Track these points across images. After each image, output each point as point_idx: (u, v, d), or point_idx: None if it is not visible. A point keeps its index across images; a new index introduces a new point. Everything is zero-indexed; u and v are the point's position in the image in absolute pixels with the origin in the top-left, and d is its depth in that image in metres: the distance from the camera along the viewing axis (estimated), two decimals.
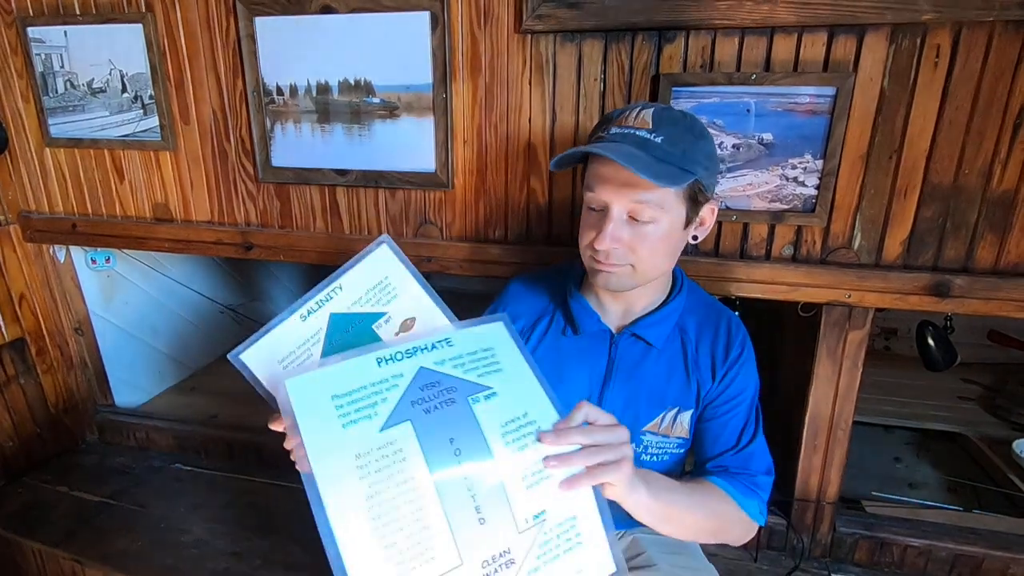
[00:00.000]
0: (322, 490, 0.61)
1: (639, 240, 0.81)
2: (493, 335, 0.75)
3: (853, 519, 1.34)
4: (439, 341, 0.72)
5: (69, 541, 1.44)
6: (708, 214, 0.87)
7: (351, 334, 0.78)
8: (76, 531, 1.47)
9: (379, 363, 0.68)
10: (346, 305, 0.79)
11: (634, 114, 0.81)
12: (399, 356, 0.69)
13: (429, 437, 0.64)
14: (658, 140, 0.78)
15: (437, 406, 0.66)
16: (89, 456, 1.80)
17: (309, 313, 0.78)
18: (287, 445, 0.70)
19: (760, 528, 1.15)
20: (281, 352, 0.74)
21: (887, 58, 1.03)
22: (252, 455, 1.72)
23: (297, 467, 0.68)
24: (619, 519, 1.00)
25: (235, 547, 1.41)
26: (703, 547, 1.11)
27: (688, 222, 0.84)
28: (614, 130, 0.80)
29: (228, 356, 0.75)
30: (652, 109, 0.81)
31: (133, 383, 1.98)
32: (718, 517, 0.87)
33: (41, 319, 1.74)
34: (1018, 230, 1.06)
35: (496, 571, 0.64)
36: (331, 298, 0.79)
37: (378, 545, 0.60)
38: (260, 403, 0.76)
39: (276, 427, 0.70)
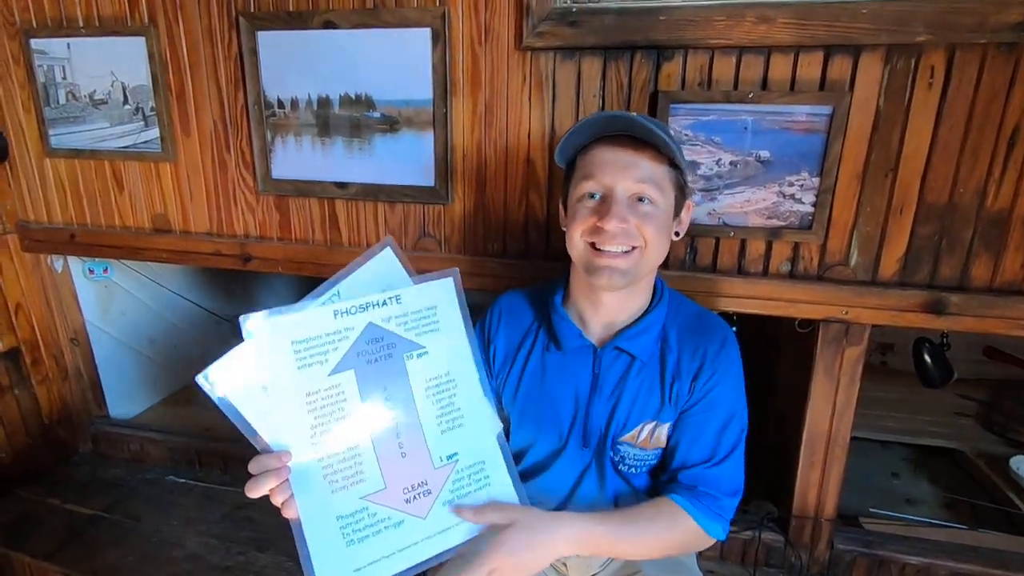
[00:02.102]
0: (277, 425, 0.73)
1: (643, 221, 0.84)
2: (440, 293, 0.85)
3: (851, 536, 1.34)
4: (390, 298, 0.80)
5: (60, 554, 1.42)
6: (685, 212, 0.92)
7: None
8: (67, 544, 1.46)
9: (335, 315, 0.77)
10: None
11: (630, 113, 0.88)
12: (353, 310, 0.78)
13: (367, 384, 0.77)
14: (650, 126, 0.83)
15: (378, 359, 0.79)
16: (82, 468, 1.79)
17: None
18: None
19: (758, 545, 1.15)
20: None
21: (882, 78, 1.04)
22: (247, 468, 1.70)
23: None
24: None
25: (228, 562, 1.40)
26: (699, 563, 1.11)
27: (676, 212, 0.89)
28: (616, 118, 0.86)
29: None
30: (633, 112, 0.89)
31: (128, 394, 1.97)
32: (672, 542, 0.88)
33: (37, 329, 1.74)
34: (1013, 249, 1.07)
35: (415, 498, 0.79)
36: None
37: (318, 464, 0.74)
38: None
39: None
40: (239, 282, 2.45)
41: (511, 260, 1.31)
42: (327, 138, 1.34)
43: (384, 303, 0.80)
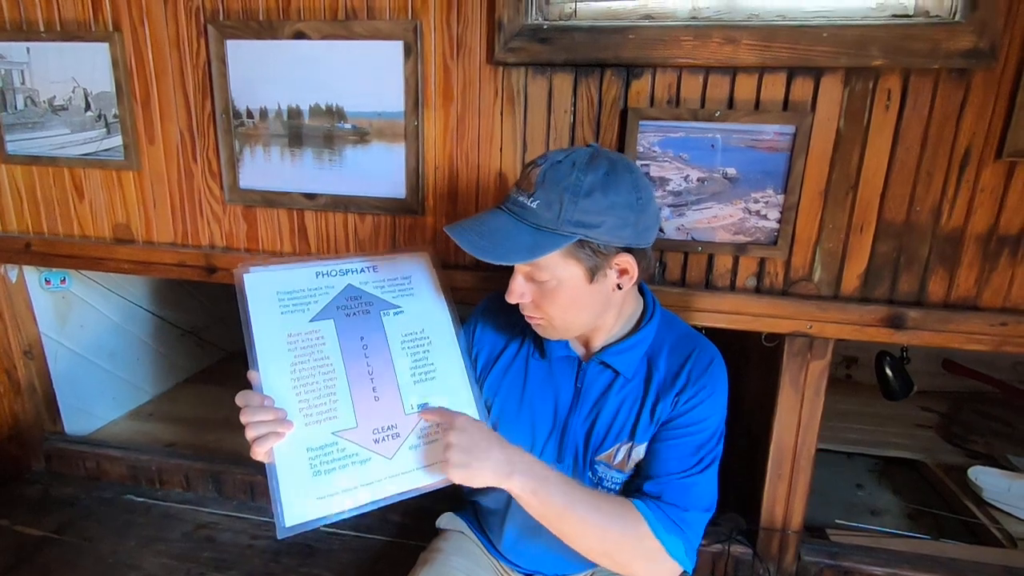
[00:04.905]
0: (259, 355, 0.82)
1: (542, 297, 0.83)
2: (413, 266, 0.98)
3: (818, 548, 1.36)
4: (367, 267, 0.93)
5: None
6: (627, 262, 0.82)
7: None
8: (16, 567, 1.38)
9: (317, 275, 0.89)
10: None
11: (532, 171, 0.81)
12: (333, 272, 0.90)
13: (345, 332, 0.87)
14: (533, 205, 0.79)
15: (355, 313, 0.89)
16: (34, 487, 1.71)
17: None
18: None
19: (727, 558, 1.13)
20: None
21: (842, 100, 1.08)
22: (210, 485, 1.65)
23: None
24: (579, 563, 0.99)
25: None
26: None
27: (592, 278, 0.81)
28: (510, 194, 0.84)
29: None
30: (544, 166, 0.80)
31: (86, 409, 1.89)
32: (617, 540, 0.81)
33: None
34: (966, 266, 1.11)
35: (383, 439, 0.84)
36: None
37: (295, 398, 0.81)
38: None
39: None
40: (205, 293, 2.39)
41: (482, 273, 1.30)
42: (297, 149, 1.32)
43: (362, 270, 0.92)
